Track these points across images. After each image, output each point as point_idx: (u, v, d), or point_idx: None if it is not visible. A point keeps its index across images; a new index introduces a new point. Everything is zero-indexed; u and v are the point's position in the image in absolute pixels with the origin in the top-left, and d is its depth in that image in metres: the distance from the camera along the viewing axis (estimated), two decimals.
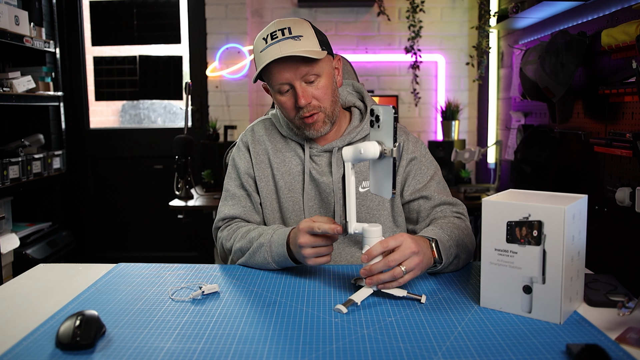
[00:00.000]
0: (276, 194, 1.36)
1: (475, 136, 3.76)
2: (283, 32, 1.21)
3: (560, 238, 0.88)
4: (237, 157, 1.40)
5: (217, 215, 1.39)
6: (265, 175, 1.37)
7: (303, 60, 1.20)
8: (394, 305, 1.00)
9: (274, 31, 1.21)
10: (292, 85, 1.23)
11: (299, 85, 1.22)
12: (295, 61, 1.20)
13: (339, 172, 1.32)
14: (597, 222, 2.12)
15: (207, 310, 0.99)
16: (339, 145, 1.33)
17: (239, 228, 1.32)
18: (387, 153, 1.00)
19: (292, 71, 1.21)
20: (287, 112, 1.28)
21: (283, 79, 1.22)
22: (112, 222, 3.70)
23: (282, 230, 1.20)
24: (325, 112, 1.27)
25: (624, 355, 0.79)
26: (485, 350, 0.81)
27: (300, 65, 1.21)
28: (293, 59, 1.20)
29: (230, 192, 1.39)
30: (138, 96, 3.67)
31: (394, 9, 3.56)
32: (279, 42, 1.20)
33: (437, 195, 1.32)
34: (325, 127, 1.29)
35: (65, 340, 0.82)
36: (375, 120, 1.03)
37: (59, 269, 1.26)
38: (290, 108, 1.26)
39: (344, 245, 1.33)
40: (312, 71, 1.22)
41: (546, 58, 2.18)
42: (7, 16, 2.61)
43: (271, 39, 1.21)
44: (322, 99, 1.25)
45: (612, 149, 1.94)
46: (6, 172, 2.65)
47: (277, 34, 1.21)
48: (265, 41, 1.21)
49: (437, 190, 1.34)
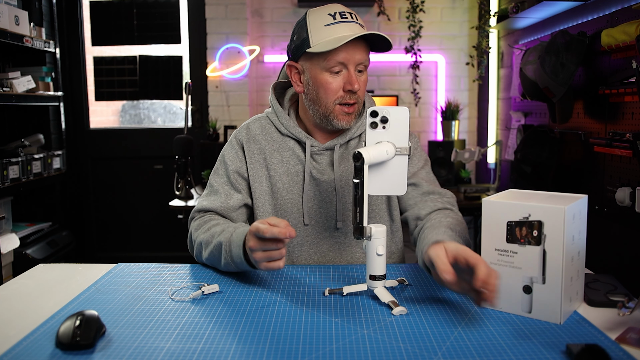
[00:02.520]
0: (271, 195, 1.32)
1: (475, 136, 3.76)
2: (352, 15, 1.22)
3: (561, 238, 0.88)
4: (228, 154, 1.35)
5: (195, 207, 1.34)
6: (260, 175, 1.32)
7: (365, 47, 1.21)
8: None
9: (342, 12, 1.22)
10: (347, 68, 1.22)
11: (353, 71, 1.22)
12: (363, 45, 1.21)
13: (340, 170, 1.31)
14: (597, 222, 2.12)
15: (207, 310, 0.99)
16: (340, 142, 1.31)
17: (210, 220, 1.27)
18: (400, 152, 1.03)
19: (357, 52, 1.20)
20: (329, 94, 1.24)
21: (343, 58, 1.20)
22: (112, 222, 3.70)
23: (241, 230, 1.12)
24: (360, 105, 1.28)
25: (624, 355, 0.78)
26: (485, 350, 0.81)
27: (363, 50, 1.21)
28: (361, 43, 1.20)
29: (213, 187, 1.34)
30: (138, 96, 3.67)
31: (394, 9, 3.56)
32: (350, 23, 1.20)
33: (425, 184, 1.31)
34: (354, 120, 1.29)
35: (65, 340, 0.82)
36: (381, 121, 1.03)
37: (59, 269, 1.26)
38: (335, 89, 1.23)
39: (344, 246, 1.32)
40: (366, 62, 1.23)
41: (546, 58, 2.18)
42: (7, 16, 2.61)
43: (341, 17, 1.20)
44: (362, 92, 1.26)
45: (612, 149, 1.93)
46: (6, 172, 2.65)
47: (346, 15, 1.21)
48: (333, 17, 1.21)
49: (426, 179, 1.33)
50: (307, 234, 1.31)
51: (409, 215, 1.31)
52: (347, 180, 1.30)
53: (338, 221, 1.30)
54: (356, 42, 1.20)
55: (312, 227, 1.31)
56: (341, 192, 1.30)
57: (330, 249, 1.32)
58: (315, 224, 1.31)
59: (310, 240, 1.31)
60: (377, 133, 1.04)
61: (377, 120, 1.03)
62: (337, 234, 1.32)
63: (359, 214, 0.99)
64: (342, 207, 1.30)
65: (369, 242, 1.01)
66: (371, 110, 1.03)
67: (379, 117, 1.03)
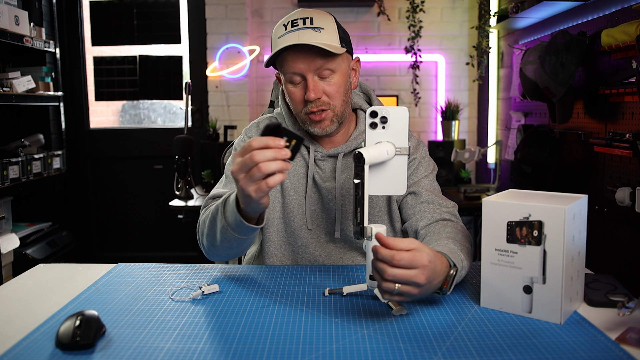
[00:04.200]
0: (281, 193, 1.32)
1: (475, 136, 3.76)
2: (304, 21, 1.18)
3: (561, 238, 0.88)
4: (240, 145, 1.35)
5: (209, 195, 1.32)
6: None
7: (320, 52, 1.17)
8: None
9: (295, 19, 1.19)
10: (305, 77, 1.20)
11: (311, 79, 1.19)
12: (312, 52, 1.17)
13: (342, 178, 1.29)
14: (597, 222, 2.12)
15: (207, 310, 0.99)
16: (345, 150, 1.30)
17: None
18: (399, 152, 1.03)
19: (307, 62, 1.18)
20: (295, 104, 1.24)
21: (296, 69, 1.19)
22: (112, 222, 3.70)
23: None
24: (334, 110, 1.23)
25: (624, 355, 0.78)
26: (485, 350, 0.81)
27: (316, 58, 1.18)
28: (310, 50, 1.16)
29: (228, 176, 1.34)
30: (138, 96, 3.67)
31: (394, 9, 3.56)
32: (298, 30, 1.17)
33: (425, 192, 1.28)
34: (332, 126, 1.25)
35: (65, 340, 0.82)
36: (380, 121, 1.03)
37: (59, 269, 1.26)
38: (298, 100, 1.22)
39: (345, 250, 1.32)
40: (327, 66, 1.19)
41: (546, 58, 2.18)
42: (7, 16, 2.61)
43: (291, 26, 1.18)
44: (333, 97, 1.22)
45: (612, 149, 1.93)
46: (6, 172, 2.65)
47: (297, 22, 1.18)
48: (285, 27, 1.19)
49: (428, 188, 1.30)
50: (311, 237, 1.31)
51: (408, 227, 1.29)
52: (348, 189, 1.29)
53: (336, 230, 1.30)
54: (306, 49, 1.16)
55: (315, 231, 1.31)
56: (341, 200, 1.29)
57: (332, 253, 1.32)
58: (317, 228, 1.31)
59: (314, 243, 1.31)
60: (376, 133, 1.04)
61: (377, 120, 1.03)
62: (338, 240, 1.32)
63: (359, 214, 0.99)
64: (341, 217, 1.30)
65: (369, 242, 1.01)
66: (371, 110, 1.03)
67: (379, 117, 1.03)
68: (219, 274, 1.20)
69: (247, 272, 1.22)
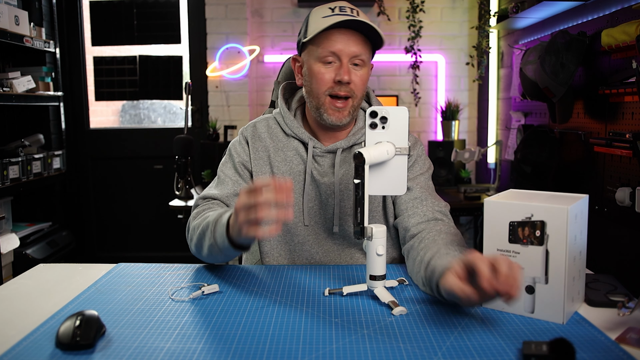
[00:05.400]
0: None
1: (475, 136, 3.76)
2: (353, 10, 1.22)
3: (563, 238, 0.88)
4: (234, 148, 1.36)
5: (200, 195, 1.33)
6: (263, 172, 1.33)
7: (362, 40, 1.21)
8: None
9: (343, 7, 1.22)
10: (340, 60, 1.22)
11: (346, 62, 1.22)
12: (356, 37, 1.20)
13: (341, 174, 1.30)
14: (597, 222, 2.12)
15: (207, 310, 0.98)
16: (343, 146, 1.31)
17: (209, 209, 1.25)
18: (399, 152, 1.03)
19: (350, 44, 1.20)
20: (320, 84, 1.24)
21: (336, 48, 1.20)
22: (112, 222, 3.70)
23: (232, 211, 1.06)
24: (354, 101, 1.26)
25: (624, 355, 0.78)
26: (486, 350, 0.81)
27: (358, 43, 1.21)
28: (355, 34, 1.20)
29: (220, 178, 1.34)
30: (138, 96, 3.67)
31: (394, 9, 3.56)
32: (348, 15, 1.19)
33: (418, 189, 1.27)
34: (347, 118, 1.26)
35: (65, 340, 0.82)
36: (380, 121, 1.03)
37: (59, 269, 1.26)
38: (326, 80, 1.23)
39: (343, 247, 1.32)
40: (362, 56, 1.22)
41: (546, 58, 2.18)
42: (7, 16, 2.60)
43: (339, 11, 1.20)
44: (358, 87, 1.24)
45: (612, 149, 1.93)
46: (6, 172, 2.64)
47: (346, 10, 1.21)
48: (332, 11, 1.21)
49: (421, 185, 1.29)
50: (308, 234, 1.31)
51: (399, 223, 1.28)
52: (346, 184, 1.30)
53: (335, 225, 1.30)
54: (350, 33, 1.20)
55: (312, 227, 1.31)
56: (340, 195, 1.29)
57: (330, 250, 1.32)
58: (314, 225, 1.31)
59: (312, 240, 1.31)
60: (376, 133, 1.04)
61: (377, 120, 1.03)
62: (336, 236, 1.32)
63: (359, 214, 0.99)
64: (339, 211, 1.30)
65: (369, 242, 1.01)
66: (370, 110, 1.03)
67: (379, 117, 1.03)
68: (219, 274, 1.20)
69: (247, 272, 1.21)
